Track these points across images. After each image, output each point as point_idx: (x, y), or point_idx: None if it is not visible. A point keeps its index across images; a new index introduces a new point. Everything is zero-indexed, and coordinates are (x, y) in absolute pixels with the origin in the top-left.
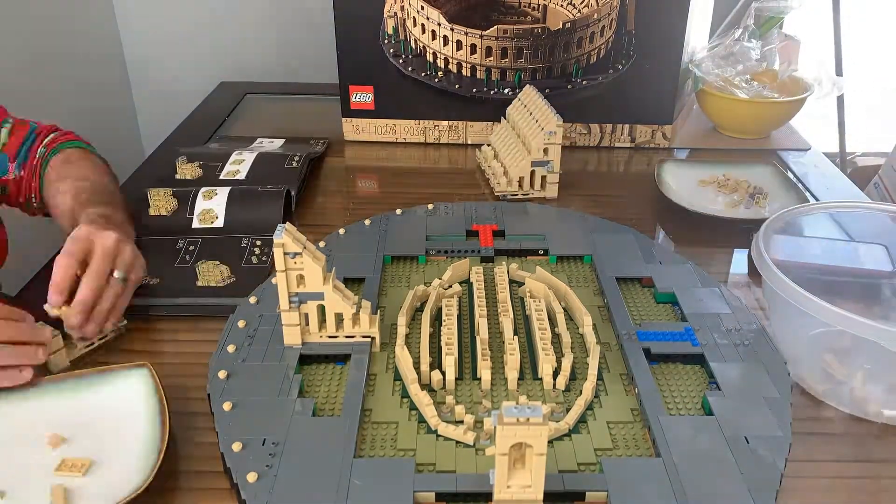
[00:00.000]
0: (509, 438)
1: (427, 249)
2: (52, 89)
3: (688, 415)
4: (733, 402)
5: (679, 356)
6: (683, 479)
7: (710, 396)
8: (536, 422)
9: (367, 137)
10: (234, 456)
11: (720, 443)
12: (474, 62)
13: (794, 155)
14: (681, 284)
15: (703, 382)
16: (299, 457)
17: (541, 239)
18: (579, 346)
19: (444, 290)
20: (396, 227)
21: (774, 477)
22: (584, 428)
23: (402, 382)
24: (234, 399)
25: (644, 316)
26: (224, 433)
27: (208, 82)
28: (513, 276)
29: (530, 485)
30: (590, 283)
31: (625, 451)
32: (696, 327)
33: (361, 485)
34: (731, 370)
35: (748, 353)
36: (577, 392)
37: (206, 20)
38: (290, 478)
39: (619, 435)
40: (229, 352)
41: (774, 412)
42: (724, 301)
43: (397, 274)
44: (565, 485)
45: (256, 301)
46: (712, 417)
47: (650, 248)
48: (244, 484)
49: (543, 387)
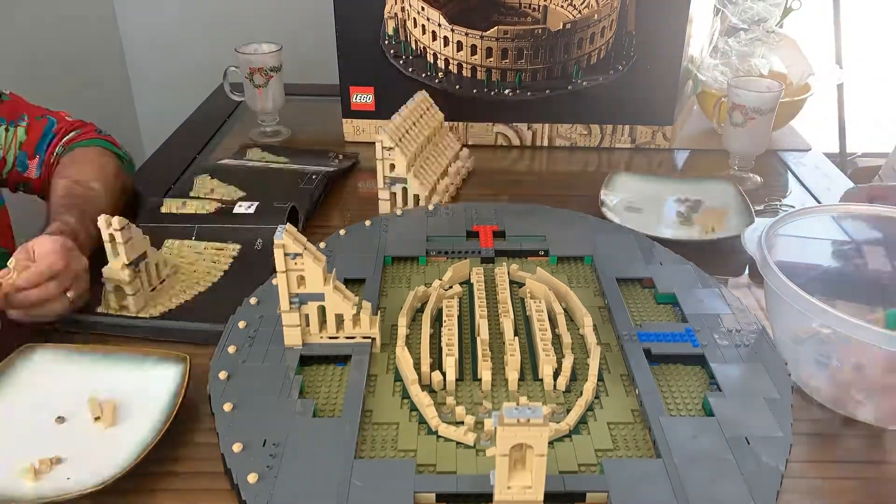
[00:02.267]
0: (510, 439)
1: (427, 250)
2: (51, 91)
3: (688, 415)
4: (734, 403)
5: (679, 357)
6: (684, 480)
7: (710, 397)
8: (537, 423)
9: (367, 138)
10: (234, 457)
11: (721, 444)
12: (475, 63)
13: (794, 155)
14: (681, 285)
15: (704, 383)
16: (300, 458)
17: (541, 240)
18: (580, 347)
19: (445, 291)
20: (396, 228)
21: (775, 478)
22: (585, 429)
23: (403, 383)
24: (235, 400)
25: (644, 317)
26: (225, 434)
27: (209, 83)
28: (513, 276)
29: (531, 486)
30: (590, 283)
31: (625, 451)
32: (696, 328)
33: (362, 486)
34: (731, 371)
35: (749, 353)
36: (578, 393)
37: (206, 21)
38: (290, 479)
39: (619, 436)
40: (230, 352)
41: (775, 413)
42: (724, 302)
43: (398, 275)
44: (566, 486)
45: (257, 302)
46: (713, 418)
47: (650, 248)
48: (245, 485)
49: (544, 388)
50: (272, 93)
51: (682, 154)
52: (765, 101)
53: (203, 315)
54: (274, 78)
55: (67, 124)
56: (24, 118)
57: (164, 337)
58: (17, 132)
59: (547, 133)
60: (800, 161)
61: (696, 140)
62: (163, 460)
